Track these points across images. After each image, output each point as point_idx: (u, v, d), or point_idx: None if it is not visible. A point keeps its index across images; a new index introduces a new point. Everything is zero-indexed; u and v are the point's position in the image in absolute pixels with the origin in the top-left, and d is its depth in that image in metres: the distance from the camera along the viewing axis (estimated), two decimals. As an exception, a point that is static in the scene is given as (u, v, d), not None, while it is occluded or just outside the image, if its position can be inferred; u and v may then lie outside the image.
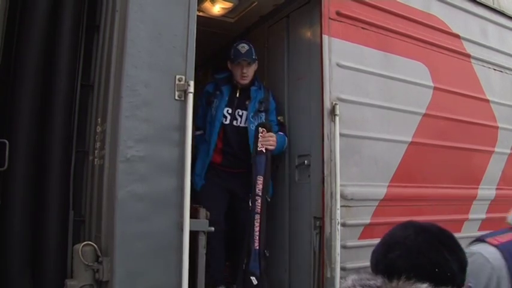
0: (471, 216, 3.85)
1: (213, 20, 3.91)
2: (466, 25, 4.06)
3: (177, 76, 2.39)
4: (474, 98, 4.00)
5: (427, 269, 1.09)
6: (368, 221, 3.15)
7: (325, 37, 3.12)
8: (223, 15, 3.89)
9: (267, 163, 3.18)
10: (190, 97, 2.38)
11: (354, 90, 3.24)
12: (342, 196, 3.02)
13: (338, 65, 3.16)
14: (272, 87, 3.54)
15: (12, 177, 2.30)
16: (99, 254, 2.20)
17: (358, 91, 3.25)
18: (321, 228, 3.00)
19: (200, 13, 3.48)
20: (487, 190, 4.02)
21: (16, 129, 2.34)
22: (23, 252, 2.31)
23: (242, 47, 3.36)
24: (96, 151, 2.47)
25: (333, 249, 2.93)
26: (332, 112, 3.06)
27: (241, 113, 3.36)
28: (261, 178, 3.14)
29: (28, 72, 2.38)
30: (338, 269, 2.90)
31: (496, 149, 4.13)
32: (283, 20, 3.64)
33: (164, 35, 2.39)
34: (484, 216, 3.95)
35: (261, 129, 3.22)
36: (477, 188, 3.94)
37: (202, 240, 2.51)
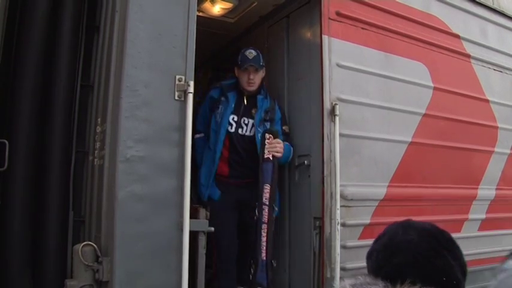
0: (471, 216, 3.85)
1: (213, 20, 3.91)
2: (466, 25, 4.06)
3: (177, 76, 2.38)
4: (474, 98, 4.00)
5: (435, 278, 1.09)
6: (368, 221, 3.15)
7: (325, 37, 3.13)
8: (223, 15, 3.89)
9: (274, 171, 3.06)
10: (190, 97, 2.38)
11: (354, 90, 3.24)
12: (342, 196, 3.02)
13: (338, 65, 3.16)
14: (272, 87, 3.54)
15: (12, 177, 2.30)
16: (99, 254, 2.19)
17: (358, 91, 3.25)
18: (321, 228, 3.00)
19: (200, 13, 3.48)
20: (487, 190, 4.02)
21: (16, 129, 2.34)
22: (23, 252, 2.31)
23: (249, 53, 3.28)
24: (96, 151, 2.47)
25: (333, 249, 2.93)
26: (332, 112, 3.06)
27: (247, 122, 3.26)
28: (268, 187, 3.02)
29: (28, 72, 2.38)
30: (338, 269, 2.90)
31: (496, 149, 4.13)
32: (283, 20, 3.64)
33: (164, 36, 2.39)
34: (484, 216, 3.95)
35: (268, 135, 3.11)
36: (477, 188, 3.94)
37: (202, 240, 2.51)
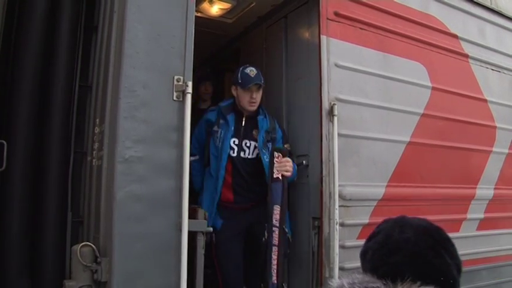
0: (469, 215, 3.85)
1: (211, 21, 3.91)
2: (464, 25, 4.07)
3: (175, 77, 2.38)
4: (472, 98, 4.00)
5: (432, 277, 1.10)
6: (366, 221, 3.15)
7: (323, 37, 3.13)
8: (221, 15, 3.89)
9: (284, 191, 2.95)
10: (188, 98, 2.38)
11: (352, 90, 3.24)
12: (340, 196, 3.02)
13: (336, 66, 3.16)
14: (270, 87, 3.54)
15: (10, 178, 2.30)
16: (97, 255, 2.19)
17: (356, 91, 3.26)
18: (320, 228, 3.00)
19: (198, 14, 3.48)
20: (485, 190, 4.02)
21: (14, 130, 2.34)
22: (21, 253, 2.30)
23: (251, 71, 3.12)
24: (94, 152, 2.47)
25: (332, 249, 2.93)
26: (330, 112, 3.06)
27: (248, 144, 3.13)
28: (278, 208, 2.92)
29: (26, 73, 2.38)
30: (336, 269, 2.90)
31: (494, 149, 4.14)
32: (281, 21, 3.64)
33: (162, 36, 2.38)
34: (482, 215, 3.96)
35: (277, 154, 3.00)
36: (475, 188, 3.95)
37: (200, 240, 2.51)
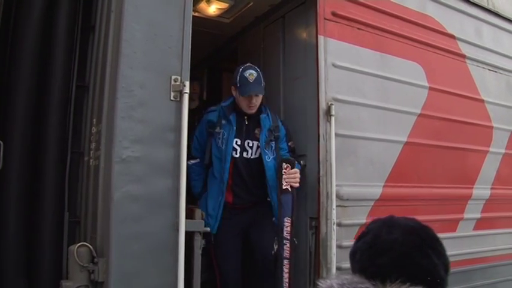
0: (466, 215, 3.86)
1: (209, 21, 3.91)
2: (461, 26, 4.08)
3: (173, 77, 2.38)
4: (469, 98, 4.01)
5: (419, 277, 1.10)
6: (363, 221, 3.15)
7: (320, 37, 3.13)
8: (218, 15, 3.88)
9: (294, 202, 2.93)
10: (185, 98, 2.38)
11: (350, 90, 3.24)
12: (338, 196, 3.02)
13: (334, 66, 3.16)
14: (268, 87, 3.53)
15: (7, 178, 2.29)
16: (94, 255, 2.19)
17: (353, 91, 3.26)
18: (317, 228, 3.00)
19: (196, 13, 3.48)
20: (482, 190, 4.03)
21: (11, 130, 2.33)
22: (18, 253, 2.30)
23: (250, 75, 2.99)
24: (91, 152, 2.47)
25: (329, 249, 2.93)
26: (328, 112, 3.06)
27: (251, 144, 3.07)
28: (289, 220, 2.89)
29: (23, 72, 2.37)
30: (334, 269, 2.91)
31: (491, 149, 4.15)
32: (279, 21, 3.64)
33: (160, 36, 2.38)
34: (479, 215, 3.97)
35: (285, 165, 2.96)
36: (472, 188, 3.96)
37: (198, 241, 2.51)
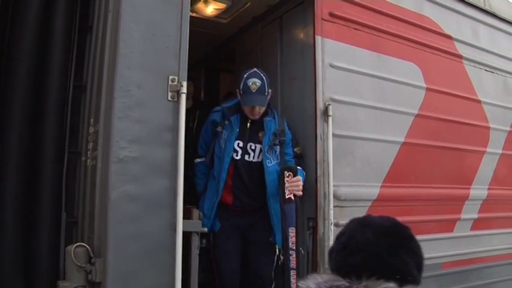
0: (463, 216, 3.88)
1: (206, 21, 3.91)
2: (458, 26, 4.09)
3: (170, 77, 2.38)
4: (466, 99, 4.03)
5: (390, 275, 1.12)
6: (361, 221, 3.16)
7: (318, 38, 3.13)
8: (216, 16, 3.89)
9: (298, 211, 2.88)
10: (183, 98, 2.38)
11: (347, 90, 3.25)
12: (335, 196, 3.03)
13: (331, 66, 3.17)
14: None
15: (4, 177, 2.28)
16: (91, 255, 2.19)
17: (351, 92, 3.26)
18: (314, 228, 3.01)
19: (193, 14, 3.48)
20: (479, 190, 4.05)
21: (8, 130, 2.32)
22: (15, 253, 2.29)
23: (253, 84, 2.89)
24: (88, 152, 2.46)
25: (326, 249, 2.93)
26: (325, 113, 3.07)
27: (253, 147, 3.00)
28: (294, 230, 2.83)
29: (20, 72, 2.36)
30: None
31: (488, 149, 4.17)
32: (276, 21, 3.64)
33: (157, 36, 2.38)
34: (476, 216, 3.99)
35: (287, 173, 2.89)
36: (469, 188, 3.97)
37: (195, 241, 2.51)
